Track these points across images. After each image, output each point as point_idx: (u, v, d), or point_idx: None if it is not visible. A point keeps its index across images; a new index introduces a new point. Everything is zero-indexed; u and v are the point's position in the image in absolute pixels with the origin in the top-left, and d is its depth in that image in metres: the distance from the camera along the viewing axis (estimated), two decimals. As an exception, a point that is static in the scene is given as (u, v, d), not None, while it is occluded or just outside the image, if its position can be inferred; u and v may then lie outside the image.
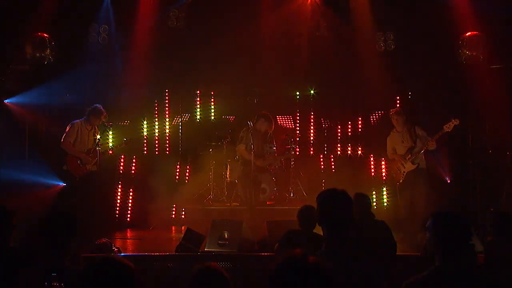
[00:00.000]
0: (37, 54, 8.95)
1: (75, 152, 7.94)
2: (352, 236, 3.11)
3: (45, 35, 8.97)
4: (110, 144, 9.06)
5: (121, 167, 9.73)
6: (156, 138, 10.09)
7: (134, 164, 9.79)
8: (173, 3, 9.58)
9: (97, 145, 8.11)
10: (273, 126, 9.17)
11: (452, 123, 7.76)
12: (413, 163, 8.05)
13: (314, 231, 5.23)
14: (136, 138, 9.47)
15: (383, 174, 9.64)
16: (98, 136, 8.37)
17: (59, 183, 8.46)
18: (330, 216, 3.07)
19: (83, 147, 8.02)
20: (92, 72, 9.13)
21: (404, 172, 8.13)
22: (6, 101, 8.96)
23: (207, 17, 9.68)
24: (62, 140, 7.97)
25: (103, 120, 8.25)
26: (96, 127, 8.23)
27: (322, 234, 5.27)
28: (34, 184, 8.47)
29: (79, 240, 6.85)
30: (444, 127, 7.81)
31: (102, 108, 8.23)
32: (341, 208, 3.07)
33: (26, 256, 3.63)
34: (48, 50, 8.98)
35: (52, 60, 9.03)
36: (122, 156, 9.70)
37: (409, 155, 8.07)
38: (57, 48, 9.05)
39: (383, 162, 9.62)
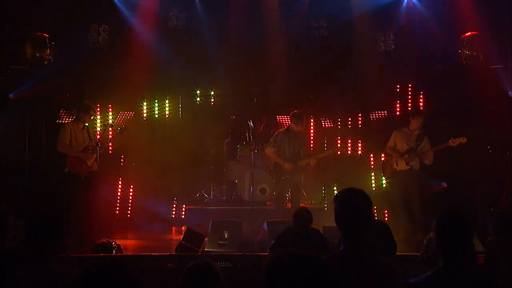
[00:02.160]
0: (37, 54, 8.95)
1: (73, 152, 7.93)
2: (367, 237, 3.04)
3: (45, 35, 8.98)
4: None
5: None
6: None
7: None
8: (173, 3, 9.60)
9: (97, 144, 8.10)
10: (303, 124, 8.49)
11: (459, 140, 7.75)
12: (407, 164, 8.08)
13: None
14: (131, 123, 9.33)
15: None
16: (98, 136, 8.36)
17: None
18: (348, 217, 2.97)
19: (79, 146, 7.99)
20: (92, 71, 9.17)
21: (395, 169, 8.17)
22: (10, 95, 8.96)
23: (207, 17, 9.70)
24: (57, 143, 7.95)
25: (93, 115, 8.23)
26: (88, 125, 8.20)
27: (316, 233, 5.42)
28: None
29: (79, 241, 6.92)
30: (450, 141, 7.81)
31: (89, 103, 8.22)
32: (359, 208, 2.96)
33: (14, 258, 3.57)
34: (48, 50, 8.98)
35: (52, 60, 9.03)
36: (122, 156, 9.72)
37: (406, 155, 8.10)
38: (57, 48, 9.06)
39: (382, 158, 9.63)
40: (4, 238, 3.71)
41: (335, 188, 9.68)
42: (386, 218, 9.13)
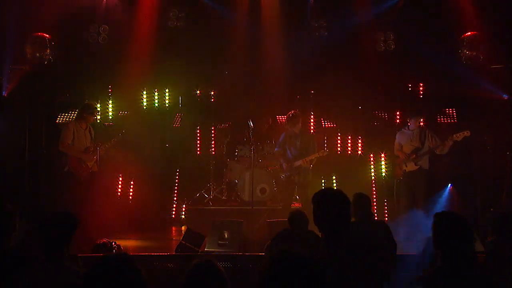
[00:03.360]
0: (37, 54, 8.96)
1: (75, 152, 7.94)
2: (351, 236, 3.06)
3: (45, 35, 8.98)
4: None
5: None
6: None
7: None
8: (173, 3, 9.60)
9: (98, 144, 8.12)
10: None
11: (463, 134, 7.80)
12: (415, 164, 8.10)
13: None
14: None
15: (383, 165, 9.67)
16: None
17: None
18: (326, 217, 3.00)
19: (82, 146, 8.01)
20: (92, 72, 9.18)
21: (404, 170, 8.19)
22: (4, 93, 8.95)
23: (207, 17, 9.71)
24: (60, 142, 7.96)
25: (95, 115, 8.24)
26: (90, 126, 8.20)
27: (313, 234, 5.42)
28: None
29: (79, 240, 6.91)
30: (454, 135, 7.86)
31: (93, 104, 8.24)
32: (338, 208, 2.99)
33: (25, 257, 3.60)
34: (48, 50, 8.99)
35: (52, 60, 9.03)
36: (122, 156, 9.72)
37: (414, 155, 8.12)
38: (57, 48, 9.06)
39: (382, 157, 9.63)
40: (9, 238, 3.74)
41: (334, 186, 9.69)
42: (386, 218, 9.14)
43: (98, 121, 9.07)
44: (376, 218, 8.34)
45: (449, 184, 8.96)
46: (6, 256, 3.61)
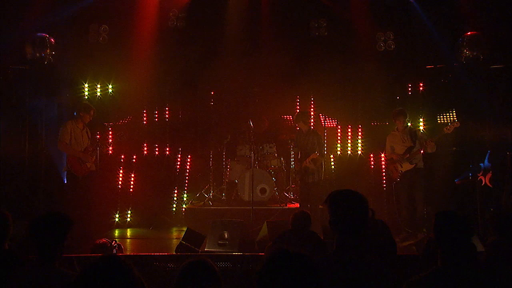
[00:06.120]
0: (37, 54, 8.96)
1: (73, 151, 7.94)
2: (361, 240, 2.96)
3: (45, 35, 8.98)
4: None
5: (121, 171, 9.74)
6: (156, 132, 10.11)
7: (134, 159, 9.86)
8: (173, 3, 9.60)
9: (97, 144, 8.11)
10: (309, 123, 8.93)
11: (453, 125, 7.79)
12: (410, 163, 8.09)
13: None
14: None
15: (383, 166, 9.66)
16: (98, 137, 8.37)
17: None
18: (343, 220, 2.86)
19: (79, 146, 8.01)
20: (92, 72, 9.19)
21: (401, 171, 8.18)
22: None
23: (207, 17, 9.71)
24: (58, 142, 7.96)
25: (93, 115, 8.24)
26: (87, 126, 8.20)
27: (315, 236, 5.41)
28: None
29: (79, 240, 6.91)
30: (445, 129, 7.86)
31: (89, 104, 8.26)
32: (356, 211, 2.87)
33: (17, 259, 3.57)
34: (48, 50, 8.99)
35: (52, 60, 9.03)
36: (123, 156, 9.71)
37: (407, 155, 8.11)
38: (57, 48, 9.06)
39: (382, 158, 9.62)
40: (4, 241, 3.72)
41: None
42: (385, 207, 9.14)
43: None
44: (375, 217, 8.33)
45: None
46: (3, 257, 3.60)
